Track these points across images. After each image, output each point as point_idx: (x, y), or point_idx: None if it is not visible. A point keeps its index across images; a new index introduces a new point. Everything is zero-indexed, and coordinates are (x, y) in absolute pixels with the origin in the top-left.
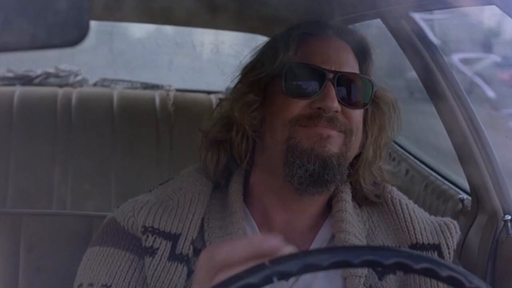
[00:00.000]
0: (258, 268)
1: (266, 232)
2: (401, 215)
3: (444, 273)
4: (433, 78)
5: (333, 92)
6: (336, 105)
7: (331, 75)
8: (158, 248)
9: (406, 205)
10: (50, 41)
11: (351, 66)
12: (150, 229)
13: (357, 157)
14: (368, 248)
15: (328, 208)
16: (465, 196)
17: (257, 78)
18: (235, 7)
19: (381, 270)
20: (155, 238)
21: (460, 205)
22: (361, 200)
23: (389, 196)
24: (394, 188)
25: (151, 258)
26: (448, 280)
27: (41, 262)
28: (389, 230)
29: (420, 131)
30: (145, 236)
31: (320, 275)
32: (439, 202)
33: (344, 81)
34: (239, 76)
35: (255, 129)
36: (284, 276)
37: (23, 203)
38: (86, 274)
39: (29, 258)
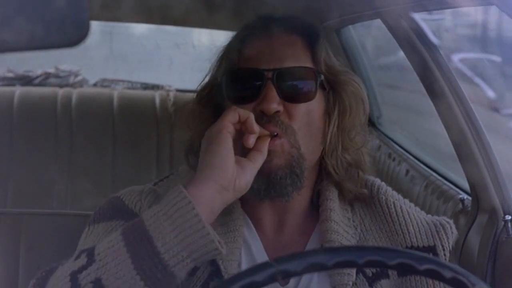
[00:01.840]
0: (263, 267)
1: (261, 233)
2: (396, 218)
3: (448, 274)
4: (432, 77)
5: (271, 92)
6: (274, 105)
7: (270, 74)
8: None
9: (401, 207)
10: (49, 40)
11: (295, 59)
12: None
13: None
14: (373, 249)
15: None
16: (465, 196)
17: (206, 93)
18: (233, 6)
19: (372, 276)
20: None
21: (460, 205)
22: (348, 196)
23: (383, 198)
24: (386, 186)
25: None
26: (452, 281)
27: (41, 262)
28: (381, 234)
29: None
30: None
31: (311, 284)
32: (439, 202)
33: (285, 77)
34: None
35: None
36: (289, 275)
37: (23, 203)
38: (87, 244)
39: (29, 258)
